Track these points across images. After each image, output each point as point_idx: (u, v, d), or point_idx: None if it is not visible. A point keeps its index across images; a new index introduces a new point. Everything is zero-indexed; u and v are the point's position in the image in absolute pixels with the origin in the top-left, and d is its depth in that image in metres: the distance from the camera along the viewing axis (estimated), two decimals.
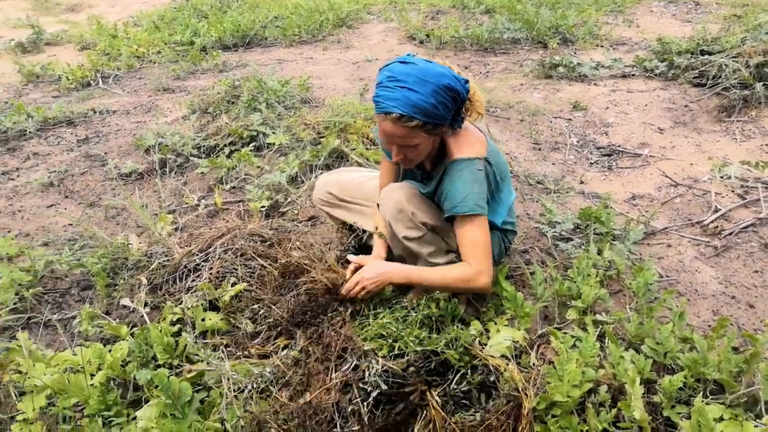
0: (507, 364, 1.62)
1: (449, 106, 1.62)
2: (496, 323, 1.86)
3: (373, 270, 1.77)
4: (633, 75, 4.50)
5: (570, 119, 3.82)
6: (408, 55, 1.68)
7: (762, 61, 3.76)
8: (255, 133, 3.48)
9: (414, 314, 1.74)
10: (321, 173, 3.07)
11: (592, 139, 3.55)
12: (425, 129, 1.61)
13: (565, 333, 1.78)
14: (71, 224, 2.87)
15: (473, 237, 1.72)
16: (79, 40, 6.39)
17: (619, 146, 3.42)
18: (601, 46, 5.29)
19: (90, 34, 6.45)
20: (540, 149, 3.43)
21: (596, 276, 2.03)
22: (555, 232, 2.51)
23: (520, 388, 1.53)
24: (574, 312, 1.93)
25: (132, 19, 7.22)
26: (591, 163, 3.28)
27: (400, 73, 1.57)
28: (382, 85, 1.60)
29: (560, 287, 2.01)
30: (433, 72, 1.57)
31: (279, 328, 1.80)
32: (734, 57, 3.94)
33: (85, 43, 6.33)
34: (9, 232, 2.83)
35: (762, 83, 3.66)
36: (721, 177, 2.96)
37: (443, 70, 1.60)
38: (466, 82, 1.66)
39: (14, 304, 2.19)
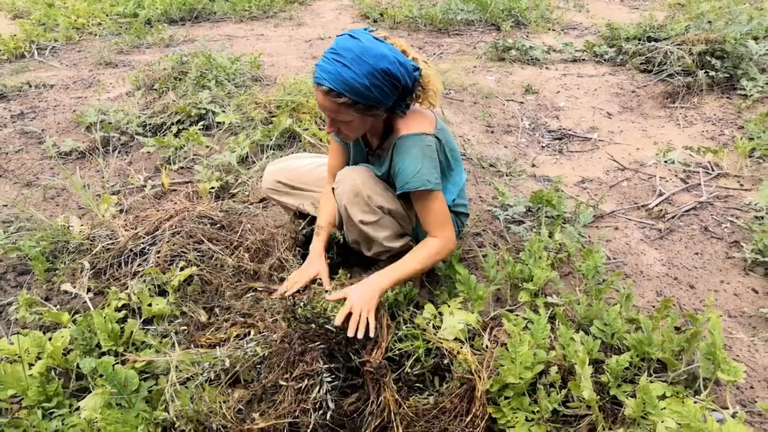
0: (460, 347, 1.63)
1: (386, 91, 1.57)
2: (449, 306, 1.86)
3: (361, 291, 1.61)
4: (583, 60, 4.58)
5: (522, 102, 3.86)
6: (365, 29, 1.63)
7: (704, 50, 3.88)
8: (204, 112, 3.37)
9: None
10: (273, 154, 3.00)
11: (543, 122, 3.60)
12: (356, 108, 1.58)
13: (517, 315, 1.81)
14: (6, 205, 2.72)
15: (433, 208, 1.73)
16: (11, 8, 6.01)
17: (569, 130, 3.48)
18: (553, 30, 5.35)
19: (23, 2, 6.07)
20: (493, 132, 3.46)
21: (547, 258, 2.07)
22: (507, 215, 2.54)
23: (473, 371, 1.54)
24: (525, 294, 1.96)
25: None
26: (542, 147, 3.33)
27: (342, 48, 1.53)
28: (324, 55, 1.56)
29: (512, 270, 2.04)
30: (374, 53, 1.51)
31: (232, 316, 1.76)
32: (678, 44, 4.06)
33: (17, 11, 5.96)
34: None
35: (704, 71, 3.79)
36: (666, 162, 3.06)
37: (386, 52, 1.53)
38: (415, 69, 1.61)
39: None
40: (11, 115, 3.70)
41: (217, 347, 1.59)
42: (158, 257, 2.01)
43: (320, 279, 1.82)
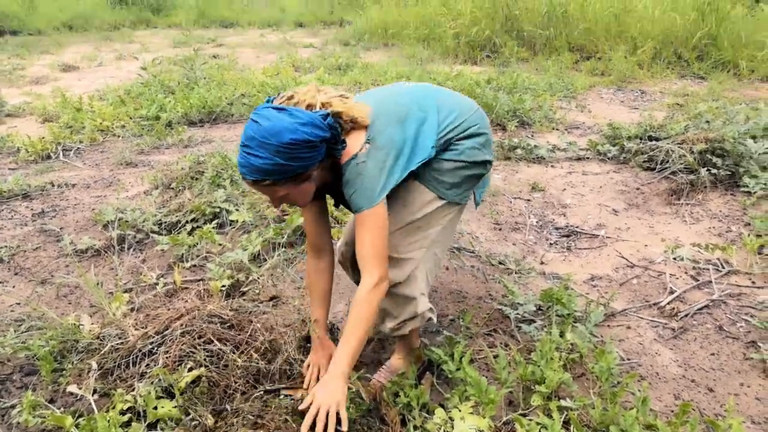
0: None
1: (305, 155, 1.59)
2: (460, 410, 1.82)
3: (323, 388, 1.60)
4: (587, 158, 4.71)
5: (529, 200, 3.94)
6: (268, 99, 1.70)
7: (704, 148, 3.99)
8: (218, 210, 3.46)
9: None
10: (284, 251, 3.05)
11: (550, 219, 3.66)
12: (283, 183, 1.63)
13: (530, 420, 1.76)
14: (18, 304, 2.75)
15: (365, 238, 1.70)
16: (41, 112, 6.36)
17: (577, 227, 3.52)
18: (557, 129, 5.55)
19: (54, 107, 6.43)
20: (501, 229, 3.51)
21: (559, 359, 2.04)
22: (517, 313, 2.53)
23: None
24: (538, 398, 1.92)
25: (98, 92, 7.25)
26: (550, 244, 3.35)
27: (247, 138, 1.58)
28: (239, 150, 1.63)
29: (524, 371, 2.00)
30: (273, 131, 1.54)
31: (239, 419, 1.72)
32: (679, 143, 4.18)
33: (47, 115, 6.30)
34: None
35: (706, 168, 3.87)
36: (675, 258, 3.06)
37: (286, 124, 1.54)
38: (327, 116, 1.63)
39: None
40: (32, 213, 3.82)
41: None
42: (167, 357, 2.00)
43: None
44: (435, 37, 10.39)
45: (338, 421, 1.54)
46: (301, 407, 1.61)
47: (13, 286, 2.91)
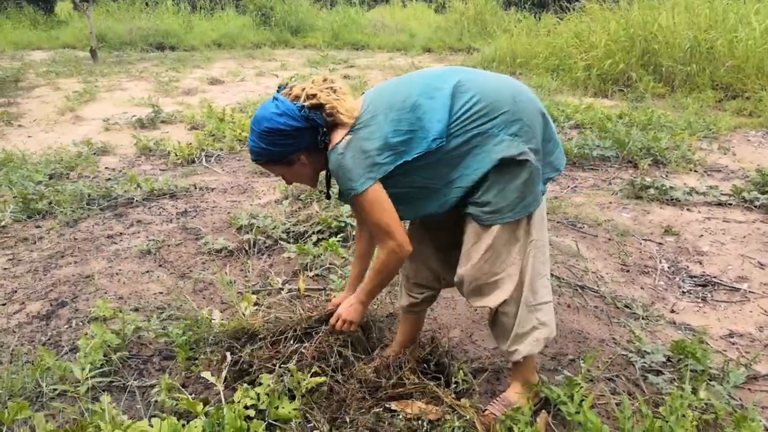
0: None
1: (281, 142, 1.76)
2: None
3: (346, 304, 2.07)
4: (729, 204, 4.35)
5: (661, 243, 3.71)
6: (278, 88, 1.88)
7: None
8: (343, 224, 3.60)
9: None
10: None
11: (684, 266, 3.41)
12: (275, 163, 1.85)
13: None
14: (162, 293, 3.01)
15: (368, 220, 1.80)
16: (190, 120, 6.97)
17: (714, 277, 3.26)
18: (695, 171, 5.19)
19: (200, 116, 7.02)
20: (628, 271, 3.33)
21: (692, 419, 1.89)
22: (644, 362, 2.38)
23: None
24: None
25: (239, 105, 7.82)
26: (683, 292, 3.13)
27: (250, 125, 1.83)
28: None
29: (651, 425, 1.87)
30: (258, 117, 1.77)
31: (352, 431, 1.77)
32: None
33: (195, 123, 6.89)
34: (106, 293, 3.00)
35: None
36: None
37: (266, 114, 1.75)
38: (302, 108, 1.74)
39: (101, 366, 2.28)
40: (177, 212, 4.19)
41: None
42: (295, 358, 2.10)
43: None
44: (564, 68, 10.14)
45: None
46: (330, 305, 2.26)
47: (158, 277, 3.20)
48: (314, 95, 1.78)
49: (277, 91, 1.86)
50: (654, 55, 8.93)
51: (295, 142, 1.77)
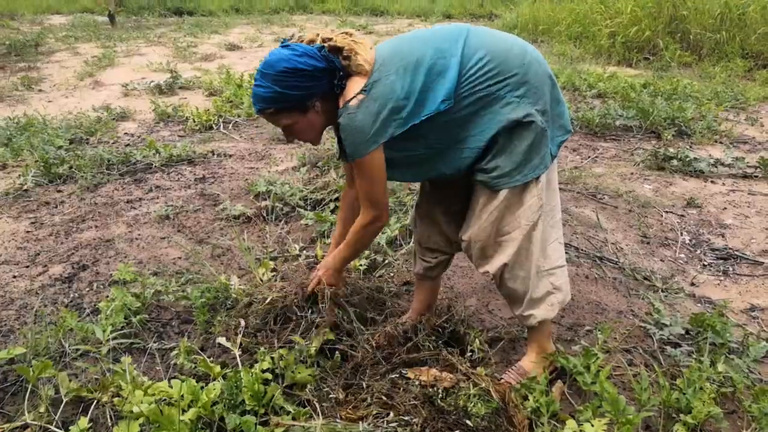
0: None
1: (303, 84, 1.66)
2: (593, 425, 1.74)
3: (325, 270, 2.13)
4: (755, 176, 4.25)
5: (683, 215, 3.64)
6: (282, 41, 1.77)
7: None
8: None
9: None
10: None
11: (706, 239, 3.36)
12: (287, 112, 1.72)
13: None
14: (180, 257, 3.04)
15: (360, 184, 1.80)
16: (208, 86, 6.95)
17: (737, 251, 3.20)
18: (721, 143, 5.07)
19: (218, 82, 7.00)
20: (648, 243, 3.28)
21: (710, 391, 1.87)
22: (662, 334, 2.36)
23: None
24: (682, 428, 1.78)
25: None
26: (704, 265, 3.08)
27: (256, 73, 1.71)
28: None
29: (668, 397, 1.87)
30: (271, 61, 1.66)
31: (368, 396, 1.78)
32: None
33: (213, 89, 6.88)
34: (126, 257, 3.04)
35: None
36: None
37: (282, 55, 1.65)
38: (321, 49, 1.69)
39: (122, 328, 2.32)
40: (195, 178, 4.20)
41: (360, 422, 1.62)
42: (308, 321, 2.12)
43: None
44: (588, 35, 9.90)
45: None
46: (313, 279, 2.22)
47: (176, 242, 3.23)
48: (330, 39, 1.75)
49: (282, 43, 1.78)
50: (682, 21, 8.67)
51: (314, 85, 1.68)
